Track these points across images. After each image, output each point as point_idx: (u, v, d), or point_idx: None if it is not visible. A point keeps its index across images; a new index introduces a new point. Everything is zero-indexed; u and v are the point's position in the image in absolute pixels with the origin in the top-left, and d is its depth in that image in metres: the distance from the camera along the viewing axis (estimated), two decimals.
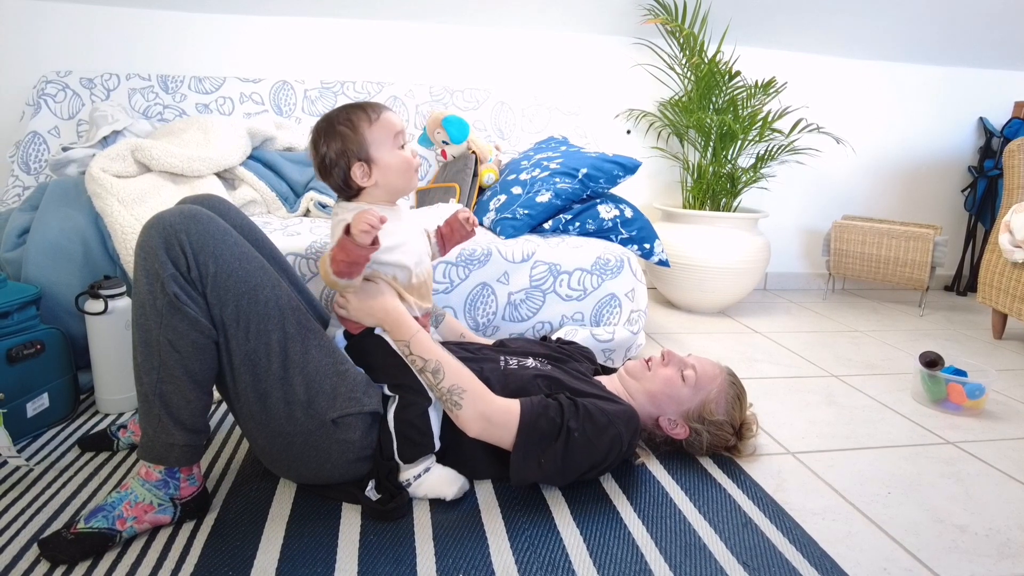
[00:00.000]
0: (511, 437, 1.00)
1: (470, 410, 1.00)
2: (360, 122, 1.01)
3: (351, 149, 1.01)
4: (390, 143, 1.03)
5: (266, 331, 0.93)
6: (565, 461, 1.01)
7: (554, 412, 1.02)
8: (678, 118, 2.53)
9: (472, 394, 1.01)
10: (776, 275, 3.00)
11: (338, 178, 1.03)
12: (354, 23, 2.35)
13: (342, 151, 1.01)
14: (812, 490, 1.16)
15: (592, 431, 1.02)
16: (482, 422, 1.00)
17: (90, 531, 0.88)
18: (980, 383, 1.53)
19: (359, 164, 1.02)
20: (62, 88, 2.03)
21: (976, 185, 2.97)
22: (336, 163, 1.02)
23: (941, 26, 2.60)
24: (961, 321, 2.51)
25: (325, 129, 1.02)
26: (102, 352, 1.32)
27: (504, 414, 1.00)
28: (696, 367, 1.20)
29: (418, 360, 1.02)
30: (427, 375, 1.02)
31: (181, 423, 0.91)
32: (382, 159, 1.03)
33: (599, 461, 1.05)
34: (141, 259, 0.89)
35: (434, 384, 1.02)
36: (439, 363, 1.01)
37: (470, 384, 1.02)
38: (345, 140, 1.00)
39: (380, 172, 1.03)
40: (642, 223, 1.83)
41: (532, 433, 1.00)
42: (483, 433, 1.01)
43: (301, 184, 1.93)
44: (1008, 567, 0.96)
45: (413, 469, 1.04)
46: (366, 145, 1.01)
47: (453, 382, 1.01)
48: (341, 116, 1.02)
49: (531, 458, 1.00)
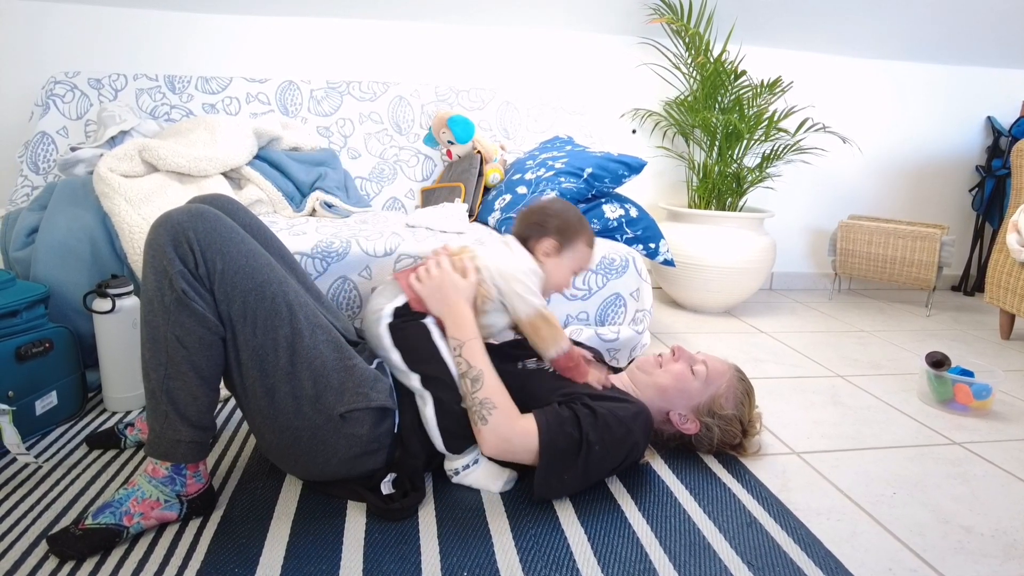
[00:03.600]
0: (529, 457, 1.03)
1: (494, 428, 1.01)
2: (583, 232, 1.20)
3: (563, 233, 1.17)
4: (575, 265, 1.20)
5: (273, 327, 0.93)
6: (587, 473, 1.04)
7: (571, 427, 1.02)
8: (684, 118, 2.53)
9: (501, 412, 1.02)
10: (782, 275, 2.99)
11: (532, 232, 1.18)
12: (360, 23, 2.36)
13: (560, 228, 1.17)
14: (817, 490, 1.16)
15: (611, 442, 1.04)
16: (502, 443, 1.02)
17: (98, 527, 0.88)
18: (987, 383, 1.52)
19: (555, 244, 1.17)
20: (70, 88, 2.04)
21: (984, 184, 2.95)
22: (544, 225, 1.18)
23: (949, 25, 2.59)
24: (968, 321, 2.50)
25: (565, 209, 1.21)
26: (110, 350, 1.33)
27: (523, 436, 1.02)
28: (707, 362, 1.21)
29: (463, 364, 1.04)
30: (467, 381, 1.04)
31: (188, 419, 0.92)
32: (561, 265, 1.19)
33: (616, 466, 1.08)
34: (149, 256, 0.90)
35: (469, 391, 1.03)
36: (481, 373, 1.03)
37: (502, 402, 1.03)
38: (567, 226, 1.18)
39: (551, 265, 1.18)
40: (647, 223, 1.83)
41: (553, 453, 1.01)
42: (499, 452, 1.03)
43: (307, 184, 1.94)
44: (1015, 568, 0.95)
45: (461, 459, 1.08)
46: (569, 246, 1.18)
47: (488, 395, 1.02)
48: (582, 219, 1.21)
49: (554, 475, 1.02)
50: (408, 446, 1.06)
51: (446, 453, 1.07)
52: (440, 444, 1.05)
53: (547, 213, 1.19)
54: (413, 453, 1.06)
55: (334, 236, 1.53)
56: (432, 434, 1.05)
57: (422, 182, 2.24)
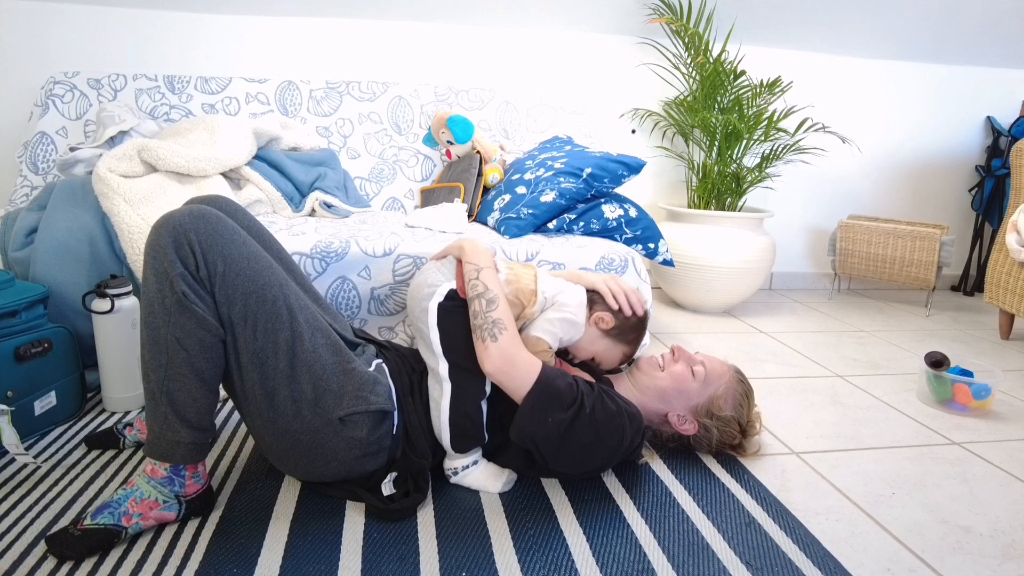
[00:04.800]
0: (524, 388, 1.00)
1: (500, 347, 1.01)
2: (634, 342, 1.23)
3: (622, 329, 1.20)
4: (606, 351, 1.21)
5: (273, 330, 0.93)
6: (569, 432, 1.00)
7: (570, 381, 1.03)
8: (683, 117, 2.53)
9: (510, 335, 1.03)
10: (781, 275, 2.99)
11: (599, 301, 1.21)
12: (359, 23, 2.36)
13: (621, 319, 1.20)
14: (816, 490, 1.16)
15: (602, 414, 1.02)
16: (505, 363, 1.00)
17: (96, 527, 0.88)
18: (986, 383, 1.52)
19: (610, 325, 1.19)
20: (70, 89, 2.04)
21: (983, 184, 2.95)
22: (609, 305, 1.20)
23: (948, 25, 2.59)
24: (968, 321, 2.50)
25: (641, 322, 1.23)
26: (109, 351, 1.33)
27: (527, 364, 1.02)
28: (705, 363, 1.21)
29: (480, 285, 1.06)
30: (482, 300, 1.04)
31: (187, 421, 0.92)
32: (598, 340, 1.20)
33: (599, 455, 1.04)
34: (150, 258, 0.90)
35: (482, 311, 1.03)
36: (497, 296, 1.05)
37: (513, 329, 1.04)
38: (628, 327, 1.21)
39: (592, 334, 1.20)
40: (647, 223, 1.83)
41: (548, 389, 1.00)
42: (499, 372, 1.01)
43: (306, 184, 1.94)
44: (1013, 568, 0.96)
45: (462, 459, 1.08)
46: (618, 338, 1.21)
47: (501, 317, 1.03)
48: (640, 333, 1.24)
49: (539, 412, 1.00)
50: (415, 447, 1.06)
51: (449, 451, 1.07)
52: (447, 440, 1.05)
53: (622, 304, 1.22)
54: (419, 453, 1.06)
55: (333, 236, 1.53)
56: (440, 428, 1.05)
57: (421, 182, 2.24)
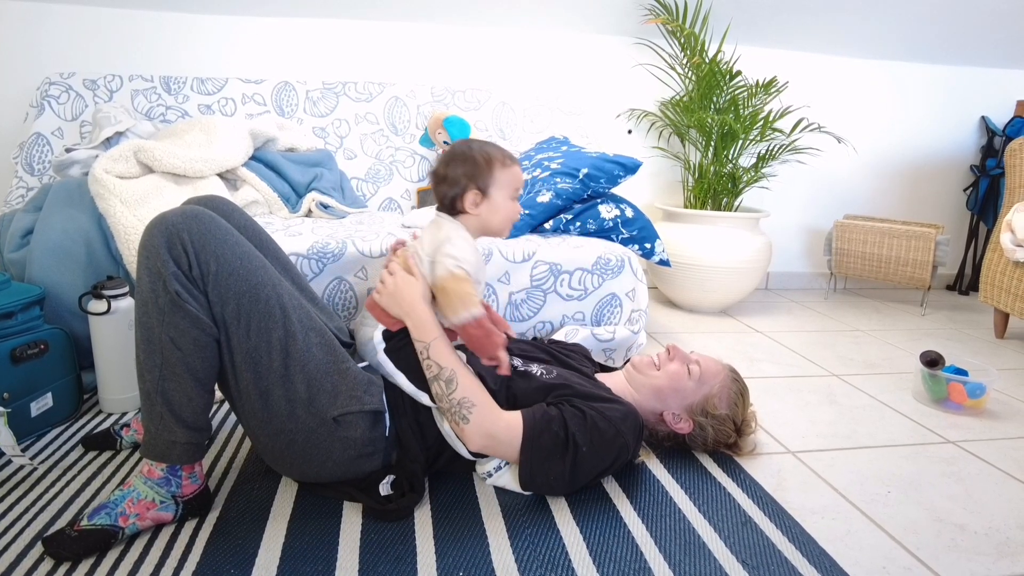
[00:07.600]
0: (514, 453, 1.02)
1: (476, 426, 1.01)
2: (495, 160, 1.08)
3: (475, 176, 1.07)
4: (509, 191, 1.10)
5: (267, 329, 0.94)
6: (574, 475, 1.03)
7: (557, 426, 1.02)
8: (679, 118, 2.54)
9: (481, 409, 1.01)
10: (778, 274, 3.00)
11: (449, 194, 1.08)
12: (355, 24, 2.36)
13: (469, 174, 1.07)
14: (812, 489, 1.16)
15: (599, 443, 1.04)
16: (486, 439, 1.02)
17: (93, 528, 0.88)
18: (981, 382, 1.53)
19: (476, 192, 1.07)
20: (65, 90, 2.04)
21: (978, 184, 2.97)
22: (456, 182, 1.07)
23: (943, 25, 2.60)
24: (963, 320, 2.51)
25: (462, 151, 1.09)
26: (105, 352, 1.33)
27: (508, 431, 1.02)
28: (701, 362, 1.22)
29: (434, 366, 1.03)
30: (440, 383, 1.02)
31: (183, 421, 0.92)
32: (496, 199, 1.09)
33: (606, 468, 1.07)
34: (144, 258, 0.90)
35: (445, 394, 1.02)
36: (454, 373, 1.02)
37: (481, 399, 1.02)
38: (476, 167, 1.07)
39: (488, 208, 1.09)
40: (643, 223, 1.83)
41: (537, 449, 1.01)
42: (485, 449, 1.03)
43: (303, 185, 1.94)
44: (1007, 566, 0.96)
45: (491, 462, 1.08)
46: (490, 181, 1.08)
47: (465, 395, 1.01)
48: (482, 147, 1.09)
49: (539, 469, 1.02)
50: (407, 450, 1.06)
51: (474, 459, 1.08)
52: (466, 453, 1.05)
53: (450, 167, 1.08)
54: (412, 456, 1.06)
55: (330, 237, 1.53)
56: (455, 445, 1.05)
57: (418, 183, 2.24)
